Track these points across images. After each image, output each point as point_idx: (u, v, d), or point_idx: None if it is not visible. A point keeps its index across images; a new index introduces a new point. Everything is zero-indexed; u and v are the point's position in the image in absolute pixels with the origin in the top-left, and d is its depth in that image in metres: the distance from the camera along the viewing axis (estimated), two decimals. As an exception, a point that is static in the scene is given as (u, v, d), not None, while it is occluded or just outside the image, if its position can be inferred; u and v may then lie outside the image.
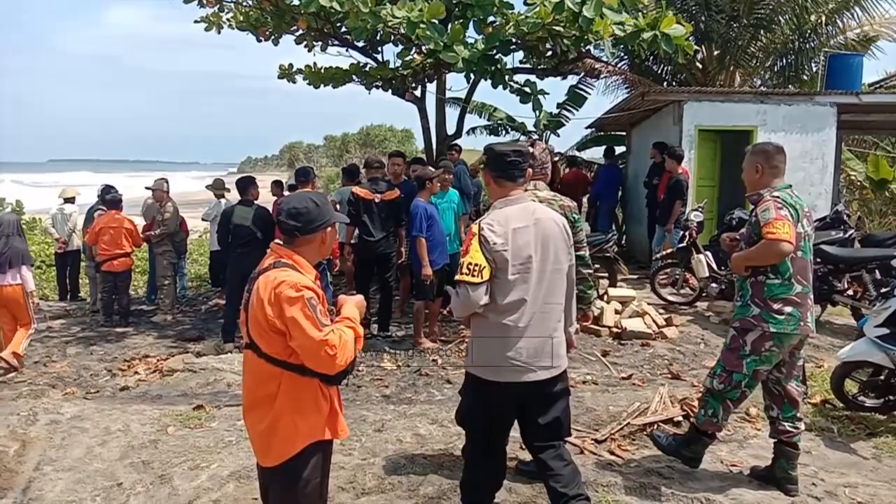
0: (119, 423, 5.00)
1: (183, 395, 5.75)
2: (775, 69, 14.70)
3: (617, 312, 7.43)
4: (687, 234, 8.16)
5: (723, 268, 7.77)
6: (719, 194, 10.58)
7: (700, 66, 14.36)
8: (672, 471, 4.05)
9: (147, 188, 9.58)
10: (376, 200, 7.04)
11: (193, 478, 4.12)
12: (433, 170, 7.20)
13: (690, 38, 7.16)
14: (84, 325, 8.67)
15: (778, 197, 3.63)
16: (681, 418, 4.74)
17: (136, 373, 6.40)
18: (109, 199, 8.85)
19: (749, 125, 9.96)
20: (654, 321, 7.28)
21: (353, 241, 7.32)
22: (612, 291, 7.84)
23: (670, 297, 8.57)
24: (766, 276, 3.64)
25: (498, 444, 3.29)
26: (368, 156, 9.05)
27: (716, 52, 14.10)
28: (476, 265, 2.97)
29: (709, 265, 7.92)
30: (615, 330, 7.15)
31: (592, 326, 7.20)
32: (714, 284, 7.97)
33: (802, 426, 3.87)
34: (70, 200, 10.58)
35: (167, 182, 9.43)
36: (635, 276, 9.87)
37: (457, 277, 3.05)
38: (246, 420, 2.67)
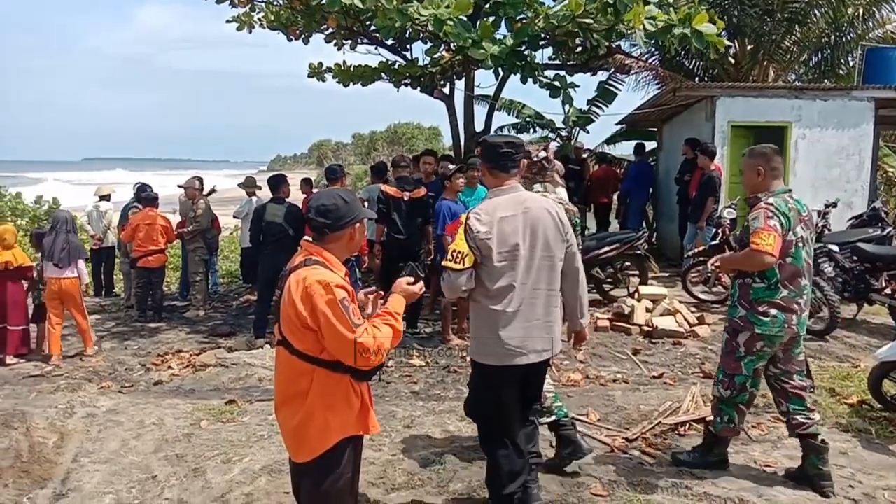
0: (153, 417, 5.10)
1: (215, 389, 5.83)
2: (810, 64, 14.42)
3: (648, 311, 7.35)
4: (719, 231, 8.03)
5: None
6: (752, 191, 10.39)
7: (733, 61, 14.14)
8: (704, 470, 4.00)
9: (179, 186, 9.74)
10: (405, 198, 7.07)
11: (226, 471, 4.18)
12: (452, 167, 7.21)
13: (723, 34, 7.04)
14: (118, 321, 8.84)
15: (772, 204, 3.63)
16: (713, 417, 4.67)
17: (170, 367, 6.51)
18: (145, 196, 8.99)
19: (783, 121, 9.78)
20: (685, 319, 7.20)
21: (382, 239, 7.35)
22: (643, 289, 7.76)
23: (702, 296, 8.44)
24: (753, 280, 3.72)
25: (507, 429, 3.27)
26: (396, 155, 9.08)
27: (749, 47, 13.87)
28: (459, 252, 3.11)
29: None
30: (646, 328, 7.08)
31: (623, 325, 7.15)
32: (747, 283, 7.84)
33: (817, 416, 3.85)
34: (105, 198, 10.74)
35: (200, 180, 9.55)
36: (666, 274, 9.76)
37: (443, 263, 3.21)
38: (278, 416, 2.69)
